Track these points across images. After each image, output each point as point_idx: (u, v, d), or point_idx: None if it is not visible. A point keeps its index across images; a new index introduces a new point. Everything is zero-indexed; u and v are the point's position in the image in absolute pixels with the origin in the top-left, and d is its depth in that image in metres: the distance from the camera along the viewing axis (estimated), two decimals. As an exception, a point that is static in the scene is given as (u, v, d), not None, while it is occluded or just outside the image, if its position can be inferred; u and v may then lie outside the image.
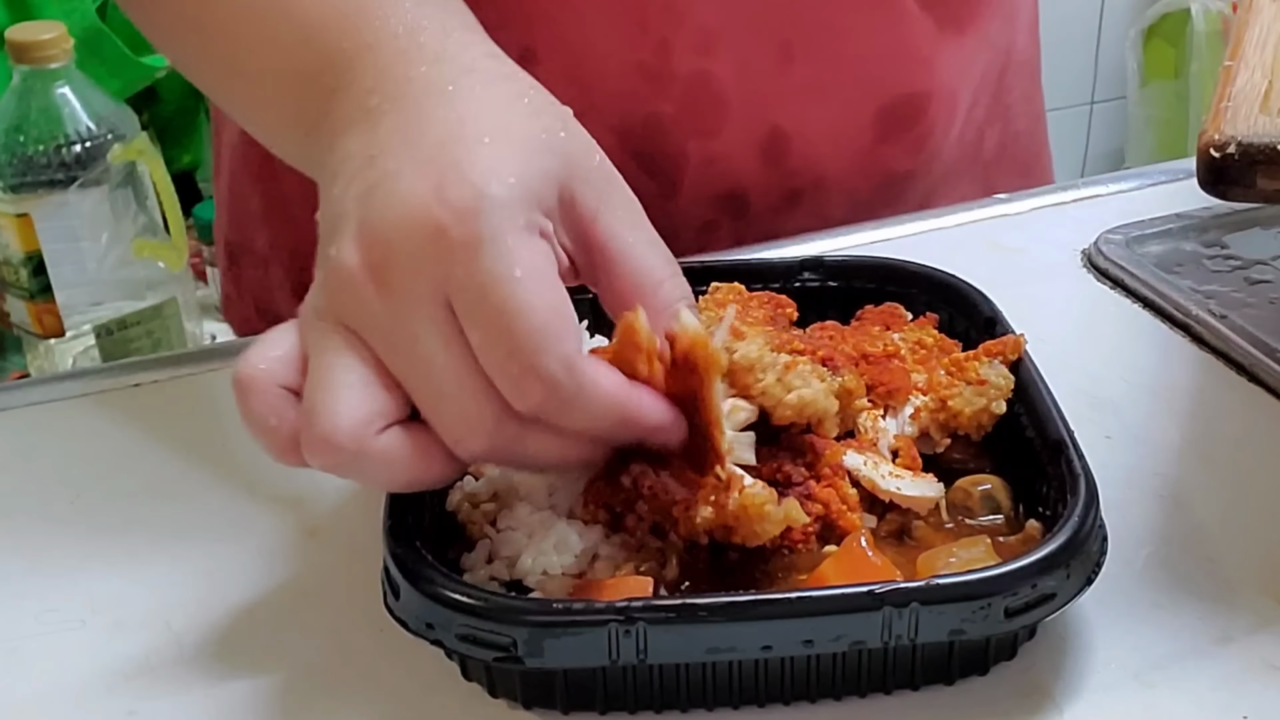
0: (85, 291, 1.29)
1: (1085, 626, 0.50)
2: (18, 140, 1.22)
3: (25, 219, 1.24)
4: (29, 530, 0.59)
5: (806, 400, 0.50)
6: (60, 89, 1.24)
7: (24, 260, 1.26)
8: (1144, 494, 0.57)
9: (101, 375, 0.70)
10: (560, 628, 0.45)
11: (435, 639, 0.46)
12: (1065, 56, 2.36)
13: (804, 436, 0.52)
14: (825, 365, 0.53)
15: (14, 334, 1.35)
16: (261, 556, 0.56)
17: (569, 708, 0.48)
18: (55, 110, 1.23)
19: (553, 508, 0.52)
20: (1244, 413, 0.63)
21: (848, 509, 0.51)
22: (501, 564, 0.51)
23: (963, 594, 0.45)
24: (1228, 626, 0.51)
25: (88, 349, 1.31)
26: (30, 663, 0.51)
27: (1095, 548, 0.48)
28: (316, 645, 0.52)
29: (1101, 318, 0.71)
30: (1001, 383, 0.55)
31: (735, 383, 0.51)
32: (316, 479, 0.60)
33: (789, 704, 0.48)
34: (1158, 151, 2.34)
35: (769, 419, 0.51)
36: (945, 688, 0.48)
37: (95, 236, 1.26)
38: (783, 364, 0.51)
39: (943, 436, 0.55)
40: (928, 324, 0.60)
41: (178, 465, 0.62)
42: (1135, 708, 0.48)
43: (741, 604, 0.45)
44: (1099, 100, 2.44)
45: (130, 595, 0.54)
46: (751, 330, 0.54)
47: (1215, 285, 0.72)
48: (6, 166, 1.22)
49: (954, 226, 0.81)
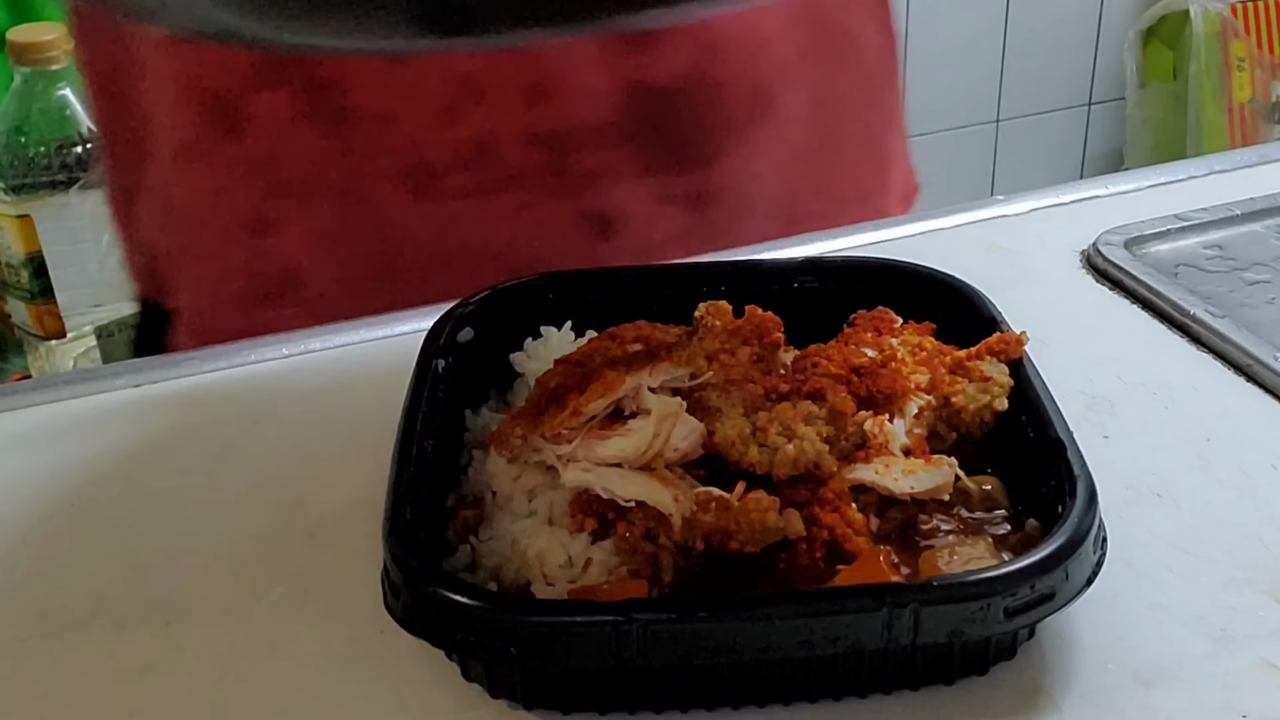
0: (86, 293, 1.29)
1: (1085, 626, 0.50)
2: (19, 141, 1.22)
3: (26, 220, 1.24)
4: (29, 530, 0.59)
5: (793, 456, 0.51)
6: (61, 90, 1.24)
7: (25, 261, 1.26)
8: (1143, 494, 0.57)
9: (102, 377, 0.70)
10: (560, 629, 0.45)
11: (435, 640, 0.46)
12: (1064, 57, 2.37)
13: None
14: (812, 397, 0.53)
15: (15, 335, 1.35)
16: (261, 556, 0.56)
17: (569, 708, 0.48)
18: (56, 111, 1.23)
19: (533, 514, 0.53)
20: (1243, 413, 0.63)
21: (854, 533, 0.51)
22: (486, 574, 0.51)
23: (962, 594, 0.45)
24: (1228, 626, 0.51)
25: (89, 350, 1.31)
26: (30, 663, 0.52)
27: (1095, 548, 0.48)
28: (316, 645, 0.52)
29: (1100, 318, 0.71)
30: (1004, 379, 0.55)
31: (725, 459, 0.52)
32: (316, 480, 0.60)
33: (789, 704, 0.48)
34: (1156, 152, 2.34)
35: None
36: (945, 688, 0.48)
37: (96, 238, 1.27)
38: (760, 427, 0.52)
39: (949, 433, 0.56)
40: (925, 331, 0.60)
41: (178, 466, 0.62)
42: (1135, 708, 0.48)
43: (741, 605, 0.45)
44: (1097, 101, 2.44)
45: (130, 595, 0.54)
46: (729, 397, 0.54)
47: (1213, 286, 0.72)
48: (7, 168, 1.23)
49: (953, 227, 0.81)
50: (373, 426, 0.61)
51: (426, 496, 0.52)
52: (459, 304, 0.61)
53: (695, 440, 0.52)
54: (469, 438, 0.58)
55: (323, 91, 0.75)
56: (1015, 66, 2.34)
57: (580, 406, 0.51)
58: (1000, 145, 2.44)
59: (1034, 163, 2.46)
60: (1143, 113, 2.35)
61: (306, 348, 0.71)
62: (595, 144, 0.79)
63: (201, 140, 0.77)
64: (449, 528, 0.53)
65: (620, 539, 0.50)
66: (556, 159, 0.78)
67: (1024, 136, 2.44)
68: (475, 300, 0.62)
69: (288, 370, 0.70)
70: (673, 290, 0.63)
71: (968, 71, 2.34)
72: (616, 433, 0.52)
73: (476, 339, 0.61)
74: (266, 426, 0.65)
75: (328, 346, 0.72)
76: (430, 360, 0.58)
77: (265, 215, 0.78)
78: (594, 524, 0.51)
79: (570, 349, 0.60)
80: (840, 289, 0.64)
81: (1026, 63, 2.34)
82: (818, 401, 0.53)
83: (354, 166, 0.77)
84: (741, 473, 0.52)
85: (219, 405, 0.67)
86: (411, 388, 0.56)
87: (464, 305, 0.61)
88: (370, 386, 0.66)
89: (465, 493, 0.55)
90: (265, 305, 0.80)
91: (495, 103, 0.77)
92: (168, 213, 0.82)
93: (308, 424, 0.65)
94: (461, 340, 0.60)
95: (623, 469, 0.51)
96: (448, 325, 0.60)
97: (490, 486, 0.54)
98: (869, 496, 0.53)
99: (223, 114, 0.76)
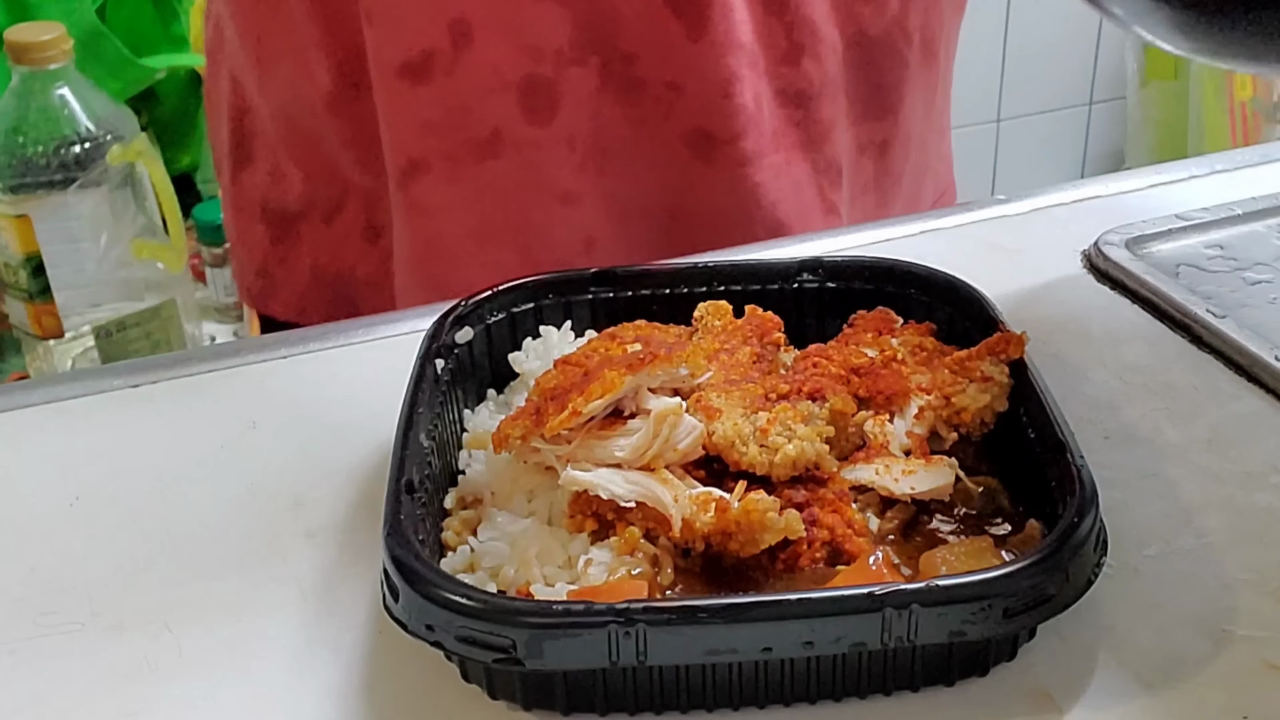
0: (84, 293, 1.29)
1: (1085, 627, 0.50)
2: (17, 141, 1.23)
3: (24, 220, 1.24)
4: (29, 530, 0.59)
5: (793, 457, 0.51)
6: (60, 90, 1.24)
7: (23, 261, 1.26)
8: (1144, 494, 0.57)
9: (101, 376, 0.69)
10: (560, 629, 0.45)
11: (435, 641, 0.46)
12: (1065, 56, 2.37)
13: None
14: (812, 398, 0.53)
15: (13, 335, 1.35)
16: (261, 557, 0.56)
17: (569, 709, 0.48)
18: (54, 111, 1.23)
19: (533, 514, 0.53)
20: (1243, 413, 0.63)
21: (854, 533, 0.51)
22: (484, 575, 0.51)
23: (962, 595, 0.45)
24: (1228, 626, 0.51)
25: (87, 350, 1.31)
26: (30, 664, 0.51)
27: (1095, 548, 0.48)
28: (316, 646, 0.52)
29: (1101, 318, 0.71)
30: (1004, 380, 0.55)
31: (724, 459, 0.52)
32: (316, 480, 0.60)
33: (789, 705, 0.48)
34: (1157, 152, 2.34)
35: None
36: (945, 689, 0.48)
37: (94, 238, 1.27)
38: (760, 427, 0.52)
39: (949, 432, 0.56)
40: (925, 331, 0.60)
41: (177, 466, 0.62)
42: (1135, 708, 0.48)
43: (742, 605, 0.45)
44: (1098, 101, 2.44)
45: (130, 595, 0.54)
46: (729, 397, 0.54)
47: (1214, 286, 0.72)
48: (6, 168, 1.23)
49: (954, 227, 0.81)
50: (372, 426, 0.61)
51: (426, 496, 0.52)
52: (459, 304, 0.61)
53: (695, 440, 0.52)
54: (469, 438, 0.58)
55: (625, 64, 0.79)
56: (1015, 66, 2.34)
57: (580, 406, 0.51)
58: (1000, 145, 2.44)
59: (1034, 163, 2.46)
60: (1144, 112, 2.35)
61: (306, 348, 0.71)
62: (829, 97, 0.84)
63: (515, 125, 0.80)
64: (449, 528, 0.53)
65: (620, 539, 0.50)
66: (806, 116, 0.83)
67: (1024, 136, 2.44)
68: (475, 300, 0.62)
69: (288, 370, 0.70)
70: (673, 290, 0.63)
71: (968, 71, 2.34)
72: (616, 433, 0.52)
73: (476, 339, 0.61)
74: (266, 426, 0.65)
75: (328, 346, 0.71)
76: (430, 360, 0.58)
77: (573, 188, 0.82)
78: (594, 524, 0.51)
79: (570, 349, 0.60)
80: (840, 289, 0.64)
81: (1027, 62, 2.34)
82: (818, 401, 0.53)
83: (648, 134, 0.81)
84: (741, 473, 0.52)
85: (219, 405, 0.67)
86: (411, 388, 0.56)
87: (464, 305, 0.61)
88: (370, 386, 0.66)
89: (465, 493, 0.55)
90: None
91: (761, 68, 0.81)
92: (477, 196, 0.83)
93: (308, 424, 0.65)
94: (461, 340, 0.60)
95: (623, 469, 0.51)
96: (447, 325, 0.60)
97: (490, 486, 0.54)
98: (869, 496, 0.53)
99: (540, 95, 0.79)
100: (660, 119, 0.81)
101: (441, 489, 0.55)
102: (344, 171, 0.87)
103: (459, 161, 0.81)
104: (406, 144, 0.81)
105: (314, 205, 0.90)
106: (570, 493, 0.52)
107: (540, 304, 0.63)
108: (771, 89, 0.82)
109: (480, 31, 0.78)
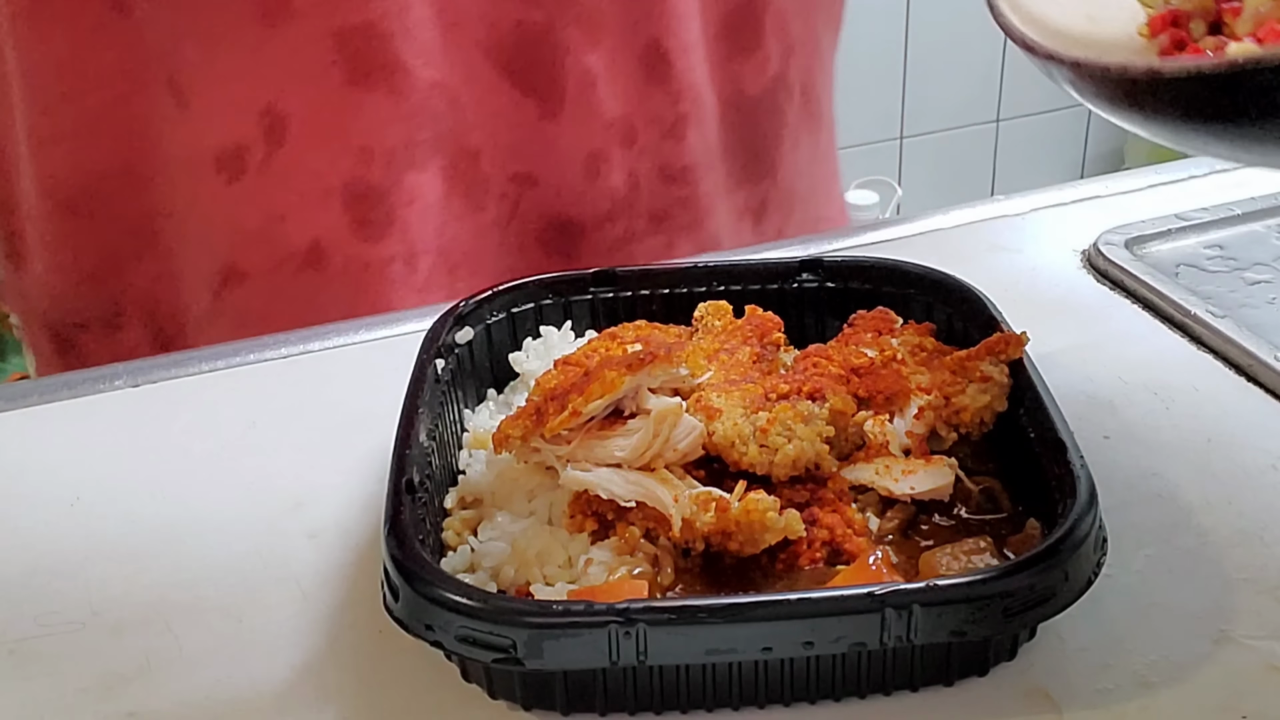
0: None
1: (1085, 627, 0.50)
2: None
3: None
4: (29, 530, 0.59)
5: (793, 457, 0.51)
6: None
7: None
8: (1143, 494, 0.57)
9: (102, 377, 0.70)
10: (560, 629, 0.45)
11: (435, 640, 0.46)
12: (1064, 57, 2.36)
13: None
14: (812, 398, 0.53)
15: (14, 335, 1.35)
16: (261, 557, 0.56)
17: (569, 709, 0.48)
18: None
19: (533, 514, 0.53)
20: (1243, 413, 0.63)
21: (854, 533, 0.51)
22: (484, 575, 0.51)
23: (962, 595, 0.45)
24: (1228, 626, 0.51)
25: (87, 350, 1.30)
26: (30, 663, 0.51)
27: (1095, 548, 0.48)
28: (316, 646, 0.52)
29: (1100, 318, 0.71)
30: (1004, 380, 0.55)
31: (724, 459, 0.52)
32: (316, 480, 0.60)
33: (789, 705, 0.48)
34: (1157, 152, 2.34)
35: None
36: (945, 688, 0.48)
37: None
38: (760, 427, 0.52)
39: (949, 433, 0.56)
40: (925, 331, 0.60)
41: (178, 466, 0.62)
42: (1135, 708, 0.48)
43: (742, 605, 0.45)
44: (1098, 101, 2.44)
45: (130, 595, 0.54)
46: (729, 397, 0.54)
47: (1213, 286, 0.72)
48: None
49: (954, 227, 0.81)
50: (372, 427, 0.61)
51: (426, 496, 0.52)
52: (459, 304, 0.61)
53: (695, 440, 0.52)
54: (469, 438, 0.58)
55: (470, 163, 0.72)
56: (1015, 66, 2.34)
57: (580, 407, 0.51)
58: (1000, 145, 2.44)
59: (1034, 163, 2.46)
60: (1143, 112, 2.34)
61: (306, 348, 0.71)
62: (708, 166, 0.78)
63: (340, 238, 0.72)
64: (449, 528, 0.53)
65: (620, 539, 0.50)
66: (691, 193, 0.78)
67: (1024, 136, 2.44)
68: (475, 300, 0.62)
69: (288, 370, 0.70)
70: (673, 290, 0.63)
71: (968, 71, 2.34)
72: (616, 433, 0.52)
73: (476, 339, 0.61)
74: (266, 426, 0.65)
75: (328, 346, 0.72)
76: (430, 360, 0.58)
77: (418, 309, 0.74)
78: (594, 524, 0.51)
79: (570, 349, 0.60)
80: (840, 289, 0.64)
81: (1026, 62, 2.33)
82: (818, 401, 0.53)
83: (497, 240, 0.75)
84: (741, 473, 0.52)
85: (219, 405, 0.67)
86: (411, 388, 0.56)
87: (464, 305, 0.61)
88: (370, 387, 0.66)
89: (465, 493, 0.55)
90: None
91: (640, 145, 0.75)
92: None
93: (308, 424, 0.65)
94: (461, 340, 0.60)
95: (623, 469, 0.51)
96: (447, 325, 0.60)
97: (490, 486, 0.54)
98: (869, 497, 0.53)
99: (369, 205, 0.72)
100: (507, 219, 0.73)
101: (442, 489, 0.55)
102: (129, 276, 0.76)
103: (276, 273, 0.72)
104: (220, 249, 0.72)
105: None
106: (570, 493, 0.52)
107: (540, 304, 0.63)
108: (653, 166, 0.75)
109: (296, 124, 0.68)
